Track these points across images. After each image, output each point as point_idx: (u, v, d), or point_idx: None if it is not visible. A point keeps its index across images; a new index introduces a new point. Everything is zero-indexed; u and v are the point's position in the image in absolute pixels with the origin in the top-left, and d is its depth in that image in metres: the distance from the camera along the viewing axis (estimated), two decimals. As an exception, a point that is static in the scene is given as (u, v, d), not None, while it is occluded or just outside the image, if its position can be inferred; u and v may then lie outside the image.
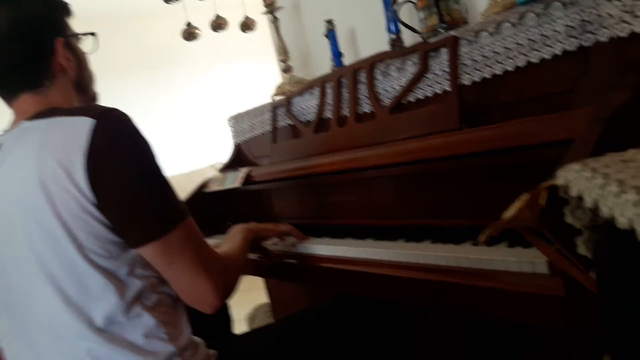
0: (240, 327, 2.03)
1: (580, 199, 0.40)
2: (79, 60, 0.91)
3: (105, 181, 0.74)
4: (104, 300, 0.76)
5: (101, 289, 0.76)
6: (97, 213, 0.74)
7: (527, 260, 0.70)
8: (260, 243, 1.14)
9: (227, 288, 0.84)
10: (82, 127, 0.74)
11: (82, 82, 0.92)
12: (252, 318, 2.06)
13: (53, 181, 0.73)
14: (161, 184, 0.80)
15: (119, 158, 0.75)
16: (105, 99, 0.97)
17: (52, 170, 0.73)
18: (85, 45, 0.96)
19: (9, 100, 0.86)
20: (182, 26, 3.51)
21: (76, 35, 0.92)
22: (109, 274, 0.76)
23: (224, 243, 1.02)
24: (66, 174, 0.73)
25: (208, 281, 0.80)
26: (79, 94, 0.92)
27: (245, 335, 1.13)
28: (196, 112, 4.63)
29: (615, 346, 0.39)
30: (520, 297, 0.68)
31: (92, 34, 0.96)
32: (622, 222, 0.32)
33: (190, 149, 4.54)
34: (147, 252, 0.77)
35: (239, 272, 0.93)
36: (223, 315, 1.32)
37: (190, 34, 3.47)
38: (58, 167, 0.73)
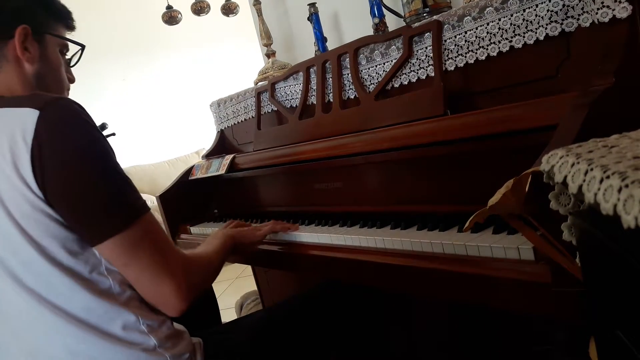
0: (230, 315, 2.04)
1: (564, 184, 0.40)
2: (46, 61, 0.86)
3: (51, 176, 0.69)
4: (74, 298, 0.74)
5: (68, 288, 0.73)
6: (49, 210, 0.70)
7: (513, 247, 0.70)
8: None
9: (191, 290, 0.78)
10: (26, 119, 0.70)
11: (45, 83, 0.86)
12: (240, 306, 2.06)
13: (0, 179, 0.70)
14: (114, 178, 0.75)
15: (65, 151, 0.70)
16: (84, 85, 0.94)
17: None
18: (74, 57, 0.93)
19: None
20: (163, 9, 3.44)
21: (54, 36, 0.87)
22: (73, 273, 0.73)
23: (201, 245, 0.99)
24: (14, 170, 0.69)
25: (169, 281, 0.75)
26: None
27: (231, 323, 1.13)
28: (179, 98, 4.56)
29: (601, 331, 0.40)
30: (506, 283, 0.69)
31: (81, 45, 0.92)
32: (606, 207, 0.32)
33: (175, 136, 4.48)
34: (104, 250, 0.73)
35: (208, 275, 0.89)
36: (210, 305, 1.32)
37: (171, 17, 3.41)
38: (3, 162, 0.69)
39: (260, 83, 1.74)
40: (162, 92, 4.52)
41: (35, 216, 0.70)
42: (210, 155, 1.71)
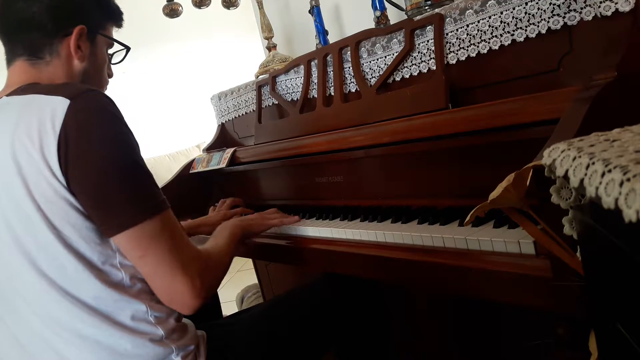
0: (230, 308, 2.04)
1: (565, 178, 0.40)
2: (94, 59, 0.90)
3: (74, 164, 0.71)
4: (85, 286, 0.75)
5: (80, 275, 0.74)
6: (71, 198, 0.72)
7: (514, 241, 0.70)
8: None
9: (206, 288, 0.78)
10: (57, 107, 0.72)
11: (88, 80, 0.89)
12: (241, 299, 2.06)
13: (27, 162, 0.71)
14: (137, 171, 0.76)
15: (90, 141, 0.72)
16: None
17: (25, 151, 0.71)
18: (116, 55, 0.99)
19: (8, 61, 0.85)
20: (163, 2, 3.42)
21: (106, 37, 0.92)
22: (87, 262, 0.75)
23: (210, 239, 0.98)
24: (40, 155, 0.71)
25: (184, 279, 0.75)
26: None
27: (233, 316, 1.13)
28: (180, 91, 4.55)
29: (601, 324, 0.40)
30: (506, 277, 0.69)
31: (126, 47, 0.98)
32: (607, 201, 0.32)
33: (175, 129, 4.48)
34: (121, 241, 0.74)
35: (221, 271, 0.89)
36: (211, 298, 1.32)
37: (171, 10, 3.39)
38: (32, 147, 0.71)
39: (261, 76, 1.73)
40: (163, 85, 4.51)
41: (57, 202, 0.72)
42: (211, 148, 1.71)
